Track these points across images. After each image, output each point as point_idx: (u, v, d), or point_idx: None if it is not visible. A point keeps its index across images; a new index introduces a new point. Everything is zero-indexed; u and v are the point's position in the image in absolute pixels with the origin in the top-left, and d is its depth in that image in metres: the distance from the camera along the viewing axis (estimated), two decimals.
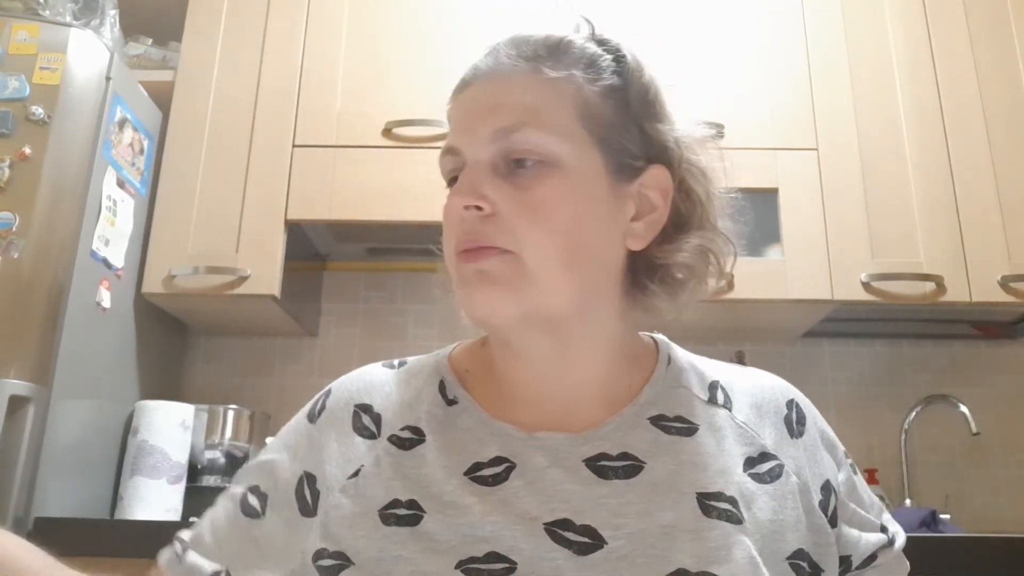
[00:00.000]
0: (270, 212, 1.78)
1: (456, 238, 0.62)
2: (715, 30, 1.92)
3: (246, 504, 0.67)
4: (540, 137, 0.62)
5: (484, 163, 0.63)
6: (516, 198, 0.61)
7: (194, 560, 0.66)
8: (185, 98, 1.88)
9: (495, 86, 0.65)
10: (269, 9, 1.94)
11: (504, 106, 0.63)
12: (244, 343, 2.07)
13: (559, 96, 0.64)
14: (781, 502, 0.61)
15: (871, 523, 0.67)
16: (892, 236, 1.78)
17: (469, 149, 0.64)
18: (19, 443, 1.38)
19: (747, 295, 1.73)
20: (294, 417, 0.72)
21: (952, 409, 1.93)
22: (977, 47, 1.91)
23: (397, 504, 0.60)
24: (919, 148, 1.84)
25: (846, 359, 2.07)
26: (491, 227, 0.61)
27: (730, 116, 1.83)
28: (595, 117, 0.65)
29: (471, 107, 0.66)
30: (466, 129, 0.65)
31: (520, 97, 0.64)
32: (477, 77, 0.67)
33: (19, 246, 1.44)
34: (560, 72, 0.65)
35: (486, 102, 0.65)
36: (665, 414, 0.65)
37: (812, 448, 0.66)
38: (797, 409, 0.68)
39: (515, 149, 0.62)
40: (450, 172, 0.66)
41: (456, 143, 0.65)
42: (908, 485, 1.94)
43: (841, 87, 1.88)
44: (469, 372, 0.70)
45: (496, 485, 0.60)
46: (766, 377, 0.71)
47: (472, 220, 0.61)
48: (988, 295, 1.74)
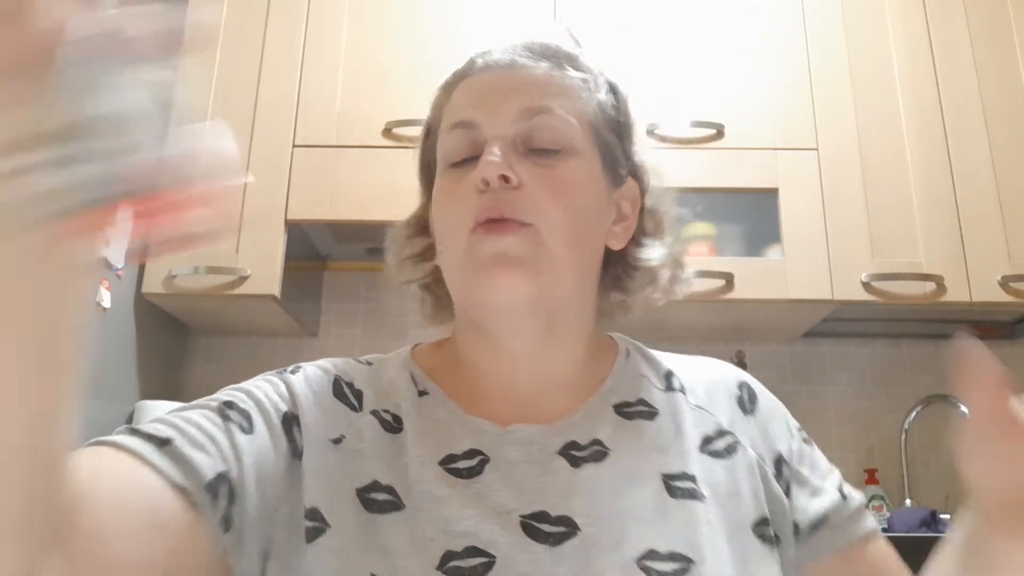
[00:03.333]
0: (270, 212, 1.78)
1: (475, 209, 0.61)
2: (715, 30, 1.92)
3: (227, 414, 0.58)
4: (563, 123, 0.65)
5: (506, 140, 0.63)
6: (540, 175, 0.62)
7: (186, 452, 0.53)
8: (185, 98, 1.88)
9: (518, 72, 0.67)
10: (269, 9, 1.94)
11: (530, 89, 0.65)
12: (244, 343, 2.07)
13: (575, 94, 0.67)
14: (740, 475, 0.63)
15: (823, 488, 0.67)
16: (892, 236, 1.78)
17: (491, 124, 0.64)
18: None
19: (747, 295, 1.73)
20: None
21: (952, 409, 1.93)
22: (977, 47, 1.92)
23: (378, 487, 0.59)
24: (919, 148, 1.84)
25: (846, 359, 2.07)
26: (514, 199, 0.61)
27: (730, 116, 1.84)
28: (597, 122, 0.68)
29: (494, 85, 0.67)
30: (487, 104, 0.65)
31: (545, 84, 0.66)
32: (492, 66, 0.68)
33: None
34: (577, 74, 0.69)
35: (511, 83, 0.66)
36: (627, 400, 0.67)
37: (764, 423, 0.68)
38: (748, 389, 0.71)
39: (538, 131, 0.64)
40: (460, 148, 0.65)
41: (474, 117, 0.65)
42: (908, 485, 1.94)
43: (841, 87, 1.88)
44: (434, 369, 0.69)
45: (471, 478, 0.60)
46: (718, 364, 0.74)
47: (499, 191, 0.61)
48: (988, 295, 1.74)
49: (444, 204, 0.66)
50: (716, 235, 1.84)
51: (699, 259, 1.78)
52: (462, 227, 0.62)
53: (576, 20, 1.92)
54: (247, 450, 0.56)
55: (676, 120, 1.83)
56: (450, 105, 0.69)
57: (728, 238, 1.85)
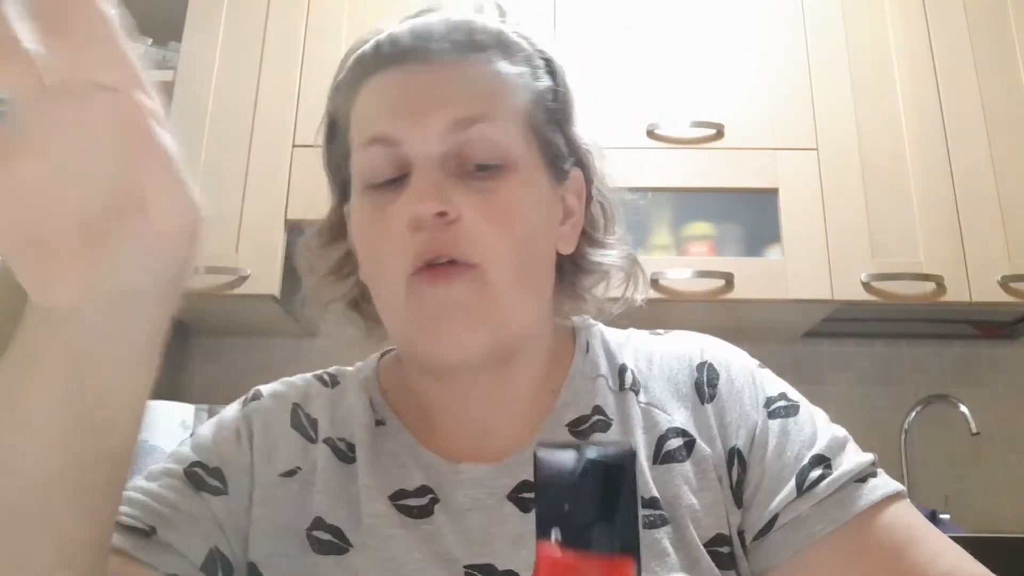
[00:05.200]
0: (270, 212, 1.78)
1: (411, 252, 0.54)
2: (715, 30, 1.92)
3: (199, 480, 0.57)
4: (499, 133, 0.56)
5: (435, 159, 0.55)
6: (479, 203, 0.55)
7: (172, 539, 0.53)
8: (185, 98, 1.88)
9: (442, 72, 0.57)
10: (269, 9, 1.94)
11: (459, 94, 0.56)
12: (244, 343, 2.07)
13: (511, 92, 0.59)
14: (695, 482, 0.58)
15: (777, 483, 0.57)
16: (892, 236, 1.78)
17: (415, 141, 0.56)
18: None
19: (747, 295, 1.73)
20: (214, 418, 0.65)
21: (952, 409, 1.93)
22: (977, 47, 1.91)
23: (321, 525, 0.57)
24: (919, 148, 1.84)
25: (846, 359, 2.07)
26: (454, 236, 0.54)
27: (730, 116, 1.84)
28: (536, 119, 0.60)
29: (413, 89, 0.57)
30: (408, 116, 0.56)
31: (476, 88, 0.57)
32: (405, 59, 0.58)
33: None
34: (512, 68, 0.59)
35: (435, 86, 0.57)
36: (583, 413, 0.61)
37: (722, 411, 0.61)
38: (708, 370, 0.63)
39: (472, 145, 0.56)
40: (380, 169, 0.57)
41: (393, 132, 0.56)
42: (908, 485, 1.93)
43: (841, 87, 1.88)
44: (390, 392, 0.65)
45: (421, 518, 0.57)
46: (681, 344, 0.66)
47: (436, 228, 0.53)
48: (988, 295, 1.74)
49: (371, 238, 0.58)
50: (716, 235, 1.84)
51: (699, 259, 1.78)
52: (397, 270, 0.55)
53: (576, 20, 1.92)
54: (226, 515, 0.56)
55: (676, 120, 1.83)
56: (359, 108, 0.61)
57: (728, 238, 1.85)
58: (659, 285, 1.73)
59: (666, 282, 1.73)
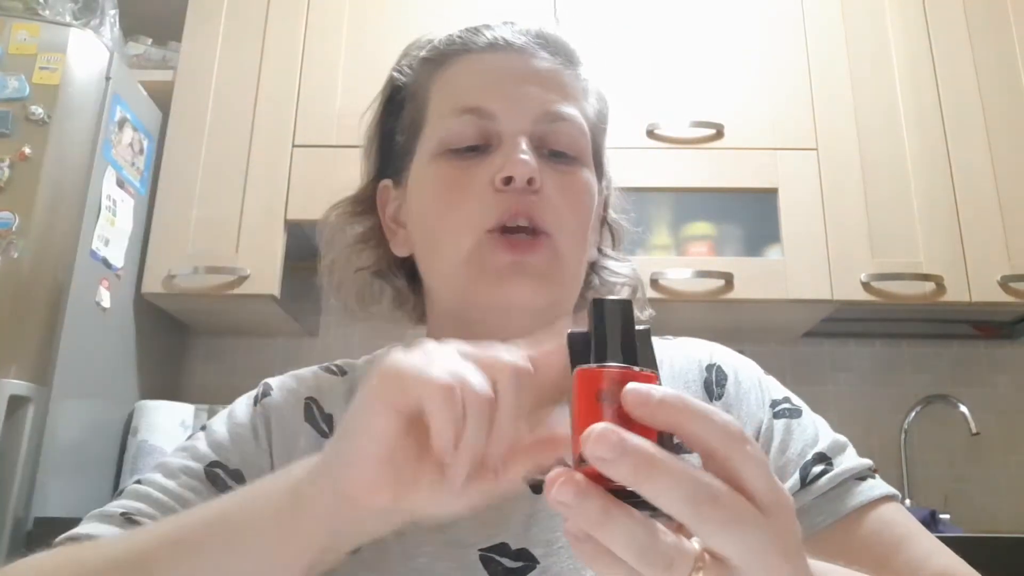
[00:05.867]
0: (270, 212, 1.78)
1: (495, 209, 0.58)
2: (715, 30, 1.92)
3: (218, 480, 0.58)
4: (579, 132, 0.62)
5: (525, 137, 0.59)
6: (557, 181, 0.60)
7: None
8: (185, 98, 1.88)
9: (536, 63, 0.63)
10: (269, 9, 1.94)
11: (551, 88, 0.62)
12: (244, 343, 2.07)
13: (584, 99, 0.65)
14: None
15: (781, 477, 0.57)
16: (892, 236, 1.78)
17: (511, 118, 0.60)
18: (19, 443, 1.38)
19: (747, 295, 1.73)
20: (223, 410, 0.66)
21: (952, 409, 1.93)
22: (977, 47, 1.91)
23: None
24: (919, 148, 1.84)
25: (846, 359, 2.07)
26: (537, 203, 0.58)
27: (730, 116, 1.84)
28: (594, 129, 0.66)
29: (511, 73, 0.62)
30: (507, 96, 0.61)
31: (563, 85, 0.63)
32: (503, 48, 0.63)
33: (19, 246, 1.44)
34: (586, 79, 0.66)
35: (529, 75, 0.62)
36: None
37: (728, 408, 0.63)
38: (717, 371, 0.66)
39: (554, 136, 0.61)
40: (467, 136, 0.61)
41: (491, 106, 0.60)
42: (908, 485, 1.94)
43: (841, 87, 1.88)
44: None
45: None
46: (691, 346, 0.69)
47: (523, 192, 0.58)
48: (988, 295, 1.74)
49: (447, 194, 0.61)
50: (716, 235, 1.84)
51: (699, 259, 1.78)
52: (474, 226, 0.58)
53: (576, 20, 1.92)
54: None
55: (676, 120, 1.83)
56: (447, 81, 0.64)
57: (728, 238, 1.85)
58: (659, 285, 1.73)
59: (666, 282, 1.73)
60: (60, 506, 1.48)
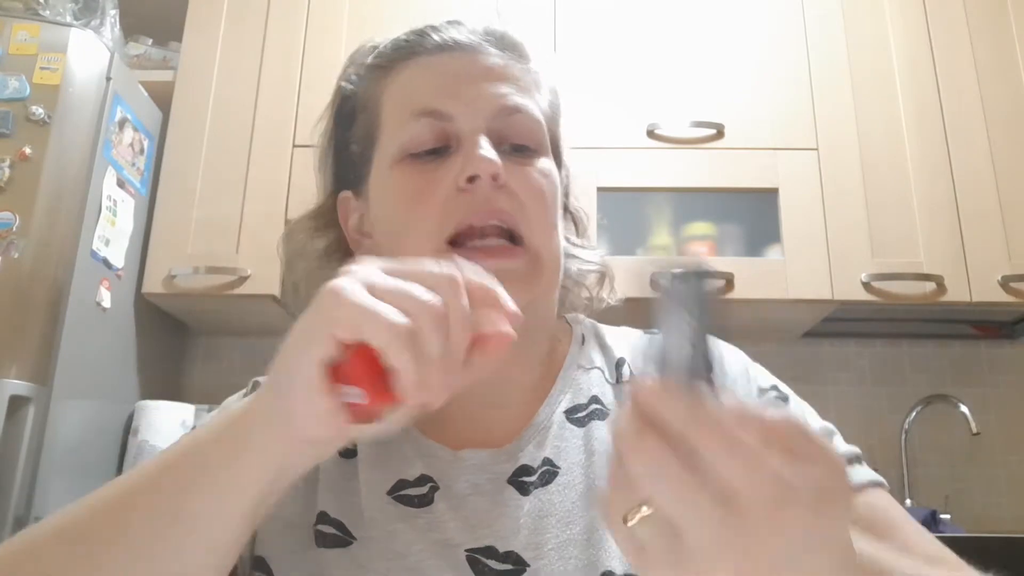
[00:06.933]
0: (270, 212, 1.78)
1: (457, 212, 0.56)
2: (716, 31, 1.92)
3: None
4: (535, 124, 0.62)
5: (484, 135, 0.59)
6: (519, 174, 0.59)
7: None
8: (185, 98, 1.88)
9: (487, 61, 0.62)
10: (269, 9, 1.94)
11: (505, 84, 0.61)
12: (244, 343, 2.07)
13: (537, 91, 0.64)
14: None
15: None
16: (892, 236, 1.78)
17: (468, 117, 0.59)
18: (19, 443, 1.38)
19: (747, 295, 1.73)
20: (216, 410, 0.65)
21: (952, 409, 1.93)
22: (977, 47, 1.91)
23: (325, 519, 0.58)
24: (919, 148, 1.84)
25: (846, 359, 2.07)
26: (502, 201, 0.57)
27: (731, 116, 1.84)
28: (549, 120, 0.65)
29: (465, 73, 0.61)
30: (462, 95, 0.60)
31: (517, 80, 0.62)
32: (454, 48, 0.63)
33: (19, 246, 1.45)
34: (539, 70, 0.65)
35: (482, 73, 0.61)
36: (579, 402, 0.63)
37: None
38: None
39: (511, 130, 0.60)
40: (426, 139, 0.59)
41: (447, 107, 0.59)
42: (908, 485, 1.94)
43: (841, 87, 1.88)
44: None
45: (421, 507, 0.57)
46: None
47: (490, 189, 0.57)
48: (988, 295, 1.74)
49: (409, 202, 0.59)
50: (716, 235, 1.84)
51: None
52: (434, 235, 0.57)
53: (576, 20, 1.92)
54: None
55: (676, 120, 1.83)
56: (400, 86, 0.63)
57: (728, 238, 1.85)
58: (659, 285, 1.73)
59: None
60: (60, 506, 1.47)
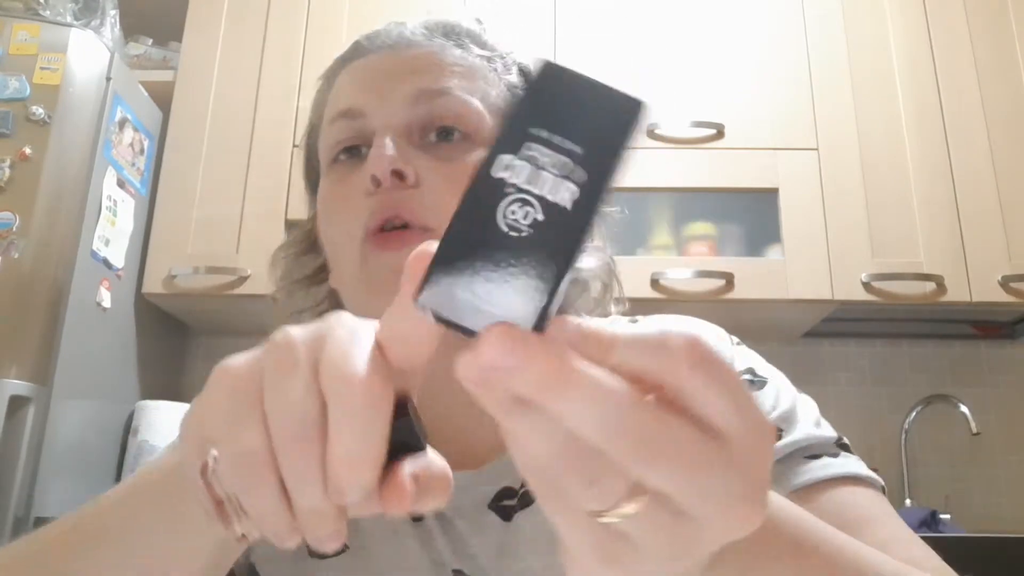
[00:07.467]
0: (270, 212, 1.78)
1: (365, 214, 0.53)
2: (716, 31, 1.92)
3: None
4: (464, 106, 0.56)
5: (398, 129, 0.55)
6: (440, 169, 0.54)
7: None
8: (185, 98, 1.88)
9: (410, 51, 0.59)
10: (269, 9, 1.94)
11: (425, 69, 0.57)
12: (244, 343, 2.04)
13: (479, 75, 0.59)
14: None
15: None
16: (892, 236, 1.78)
17: (379, 111, 0.56)
18: (19, 443, 1.38)
19: (747, 295, 1.73)
20: None
21: (952, 409, 1.93)
22: (977, 47, 1.91)
23: None
24: (919, 148, 1.84)
25: (846, 359, 2.07)
26: (411, 199, 0.53)
27: (731, 116, 1.84)
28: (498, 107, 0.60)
29: (382, 67, 0.58)
30: (375, 89, 0.57)
31: (443, 65, 0.58)
32: (380, 47, 0.60)
33: (19, 246, 1.45)
34: (482, 53, 0.61)
35: (402, 63, 0.58)
36: None
37: None
38: None
39: (437, 117, 0.56)
40: (342, 142, 0.57)
41: (359, 104, 0.56)
42: (908, 485, 1.94)
43: (841, 87, 1.88)
44: None
45: (415, 522, 0.56)
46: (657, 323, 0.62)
47: (392, 190, 0.52)
48: (988, 295, 1.74)
49: (329, 210, 0.57)
50: (716, 235, 1.84)
51: (699, 259, 1.78)
52: (352, 237, 0.53)
53: (576, 20, 1.92)
54: None
55: (676, 120, 1.83)
56: (333, 94, 0.61)
57: (728, 238, 1.85)
58: (659, 285, 1.73)
59: (666, 282, 1.73)
60: (60, 506, 1.48)
